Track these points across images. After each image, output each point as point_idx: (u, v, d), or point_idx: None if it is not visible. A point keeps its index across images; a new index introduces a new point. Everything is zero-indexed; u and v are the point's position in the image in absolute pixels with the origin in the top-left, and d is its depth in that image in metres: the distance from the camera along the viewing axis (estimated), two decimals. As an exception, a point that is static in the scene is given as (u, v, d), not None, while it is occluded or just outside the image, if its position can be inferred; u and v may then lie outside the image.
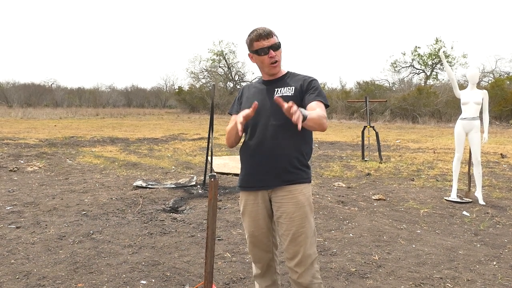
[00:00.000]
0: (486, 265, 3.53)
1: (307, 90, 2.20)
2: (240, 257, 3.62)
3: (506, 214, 5.20)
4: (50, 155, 9.54)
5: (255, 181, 2.22)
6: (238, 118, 1.97)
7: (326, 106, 2.19)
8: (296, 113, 1.76)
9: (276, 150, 2.14)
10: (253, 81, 2.43)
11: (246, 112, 1.98)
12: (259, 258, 2.34)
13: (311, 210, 2.20)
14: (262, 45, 2.17)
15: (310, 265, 2.16)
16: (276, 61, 2.22)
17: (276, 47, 2.19)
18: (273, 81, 2.28)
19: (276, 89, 2.23)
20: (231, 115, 2.36)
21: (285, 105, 1.79)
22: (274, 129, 2.14)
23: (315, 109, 2.08)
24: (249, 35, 2.21)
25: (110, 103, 47.67)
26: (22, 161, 8.61)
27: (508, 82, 27.97)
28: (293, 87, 2.21)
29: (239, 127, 1.92)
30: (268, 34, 2.17)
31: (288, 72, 2.33)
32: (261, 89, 2.29)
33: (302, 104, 2.18)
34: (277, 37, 2.22)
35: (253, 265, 2.42)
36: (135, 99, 52.32)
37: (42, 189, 6.19)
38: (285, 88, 2.23)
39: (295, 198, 2.15)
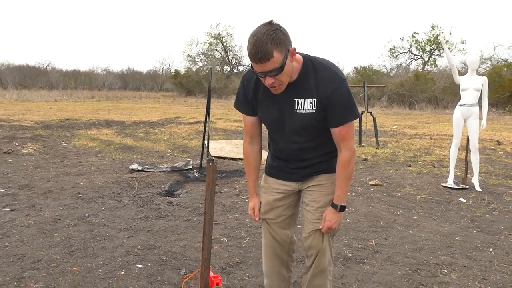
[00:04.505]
0: (482, 252, 3.54)
1: (332, 104, 1.83)
2: (236, 241, 3.61)
3: (502, 201, 5.22)
4: (45, 138, 9.46)
5: (282, 175, 2.14)
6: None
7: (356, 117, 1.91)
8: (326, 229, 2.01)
9: (302, 158, 2.04)
10: None
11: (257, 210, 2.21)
12: (272, 272, 2.24)
13: None
14: (256, 68, 1.72)
15: (325, 255, 2.06)
16: (276, 86, 1.80)
17: (275, 73, 1.71)
18: (290, 85, 1.86)
19: (296, 100, 1.88)
20: (239, 110, 2.08)
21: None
22: (297, 146, 2.00)
23: (338, 137, 1.89)
24: (247, 41, 1.70)
25: (106, 85, 47.14)
26: (16, 144, 8.53)
27: (505, 69, 27.92)
28: (315, 100, 1.85)
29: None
30: (262, 58, 1.65)
31: (306, 65, 1.87)
32: (277, 98, 1.90)
33: (324, 120, 1.90)
34: (282, 50, 1.67)
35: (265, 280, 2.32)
36: (131, 82, 51.83)
37: (37, 172, 6.13)
38: (307, 100, 1.85)
39: (326, 188, 2.05)
